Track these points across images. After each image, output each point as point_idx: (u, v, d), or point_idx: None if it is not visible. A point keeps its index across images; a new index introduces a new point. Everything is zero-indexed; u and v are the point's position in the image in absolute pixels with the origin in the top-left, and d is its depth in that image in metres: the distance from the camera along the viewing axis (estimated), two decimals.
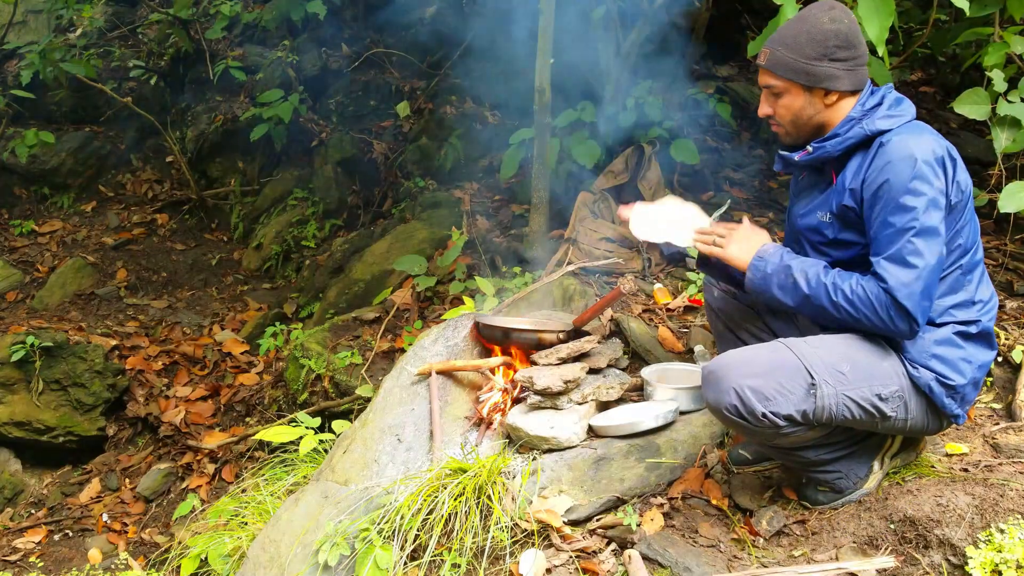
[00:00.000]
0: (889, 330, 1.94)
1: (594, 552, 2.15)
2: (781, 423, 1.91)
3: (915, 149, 1.91)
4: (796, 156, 2.13)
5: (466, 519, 2.18)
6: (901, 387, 1.97)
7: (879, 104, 2.03)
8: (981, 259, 2.08)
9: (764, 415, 1.89)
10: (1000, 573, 1.79)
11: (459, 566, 2.14)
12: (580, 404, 2.57)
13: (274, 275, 5.97)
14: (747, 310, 2.42)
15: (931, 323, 2.01)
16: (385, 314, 4.18)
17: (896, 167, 1.92)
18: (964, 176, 1.98)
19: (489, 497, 2.21)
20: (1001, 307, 3.17)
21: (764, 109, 2.14)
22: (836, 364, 1.92)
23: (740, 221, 2.22)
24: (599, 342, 2.91)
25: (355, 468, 2.58)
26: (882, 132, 1.99)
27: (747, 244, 2.12)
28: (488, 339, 2.87)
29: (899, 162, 1.91)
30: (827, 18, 2.01)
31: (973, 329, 2.02)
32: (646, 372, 2.77)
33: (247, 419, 4.54)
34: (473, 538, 2.16)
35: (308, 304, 5.24)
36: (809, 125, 2.09)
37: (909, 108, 2.04)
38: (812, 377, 1.90)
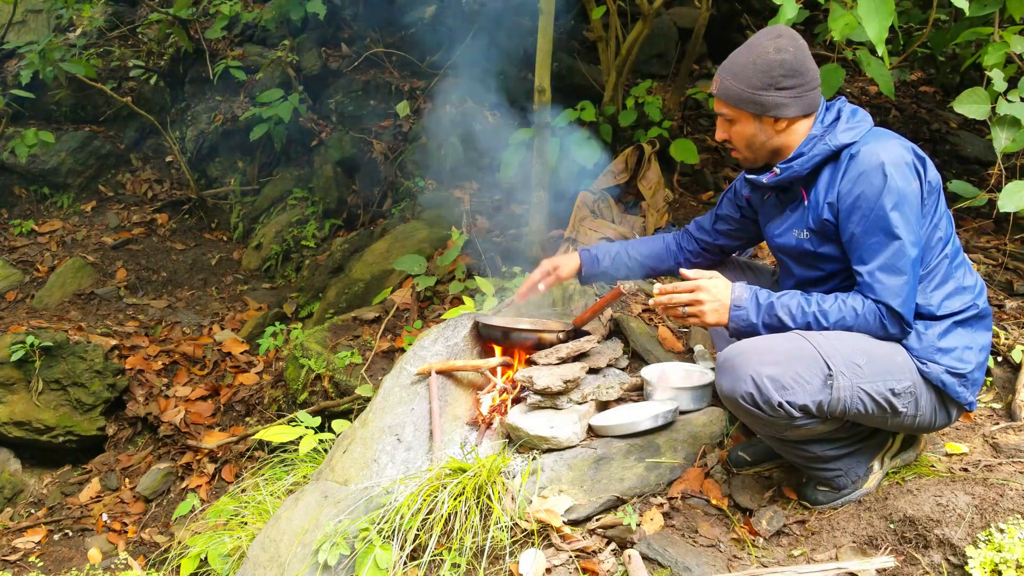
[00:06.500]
0: (881, 337, 1.99)
1: (594, 552, 2.15)
2: (796, 414, 1.91)
3: (885, 156, 1.95)
4: (764, 178, 2.16)
5: (466, 519, 2.18)
6: (913, 383, 1.98)
7: (837, 119, 2.08)
8: (960, 247, 2.13)
9: (780, 404, 1.89)
10: (1000, 573, 1.79)
11: (459, 566, 2.13)
12: (580, 404, 2.57)
13: (274, 275, 5.97)
14: None
15: (932, 317, 2.03)
16: (385, 314, 4.18)
17: (870, 176, 1.95)
18: (933, 172, 2.03)
19: (489, 497, 2.21)
20: (1001, 307, 3.17)
21: (720, 135, 2.20)
22: (852, 356, 1.93)
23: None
24: (599, 342, 2.91)
25: (355, 468, 2.58)
26: (847, 144, 2.02)
27: (718, 302, 2.08)
28: (488, 339, 2.87)
29: (872, 171, 1.95)
30: (772, 47, 2.04)
31: (971, 313, 2.05)
32: (646, 372, 2.77)
33: (247, 419, 4.54)
34: (473, 538, 2.15)
35: (308, 304, 5.24)
36: (763, 150, 2.15)
37: (866, 117, 2.09)
38: (829, 368, 1.90)
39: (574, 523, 2.25)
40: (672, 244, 2.64)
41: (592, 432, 2.54)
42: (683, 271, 2.15)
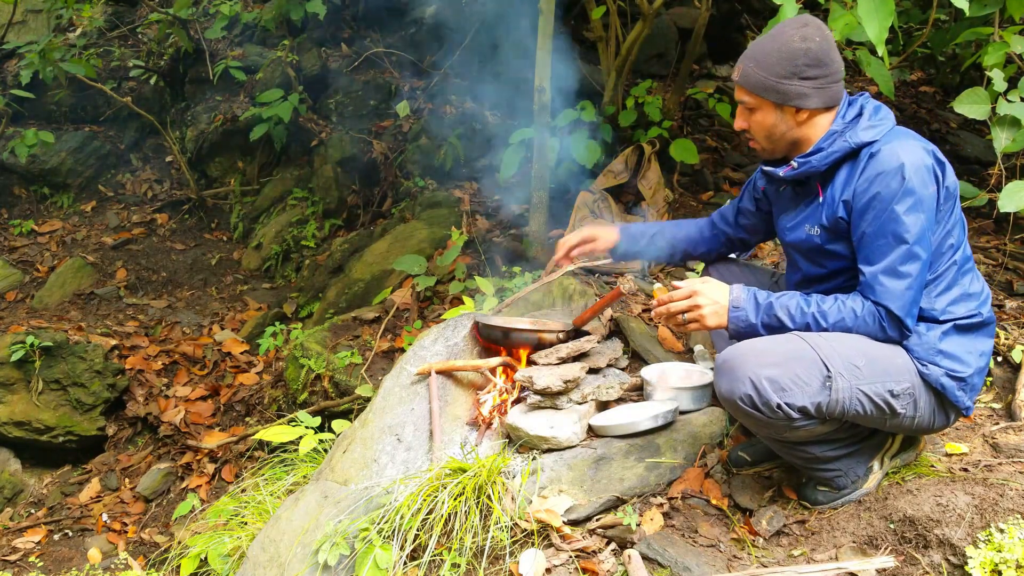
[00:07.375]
0: (880, 339, 1.98)
1: (594, 552, 2.15)
2: (795, 415, 1.91)
3: (905, 158, 1.93)
4: (781, 172, 2.14)
5: (466, 519, 2.18)
6: (912, 384, 1.98)
7: (859, 115, 2.04)
8: (970, 254, 2.11)
9: (779, 406, 1.89)
10: (1000, 573, 1.79)
11: (459, 566, 2.13)
12: (580, 404, 2.57)
13: (274, 275, 5.98)
14: None
15: (935, 320, 2.03)
16: (385, 314, 4.18)
17: (887, 178, 1.93)
18: (952, 178, 2.01)
19: (489, 497, 2.21)
20: (1001, 307, 3.17)
21: (739, 123, 2.16)
22: (851, 358, 1.92)
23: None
24: (599, 342, 2.91)
25: (355, 468, 2.58)
26: (868, 143, 2.00)
27: (717, 304, 2.07)
28: (488, 339, 2.87)
29: (890, 172, 1.93)
30: (798, 36, 2.01)
31: (974, 321, 2.04)
32: (646, 372, 2.77)
33: (247, 419, 4.54)
34: (473, 538, 2.15)
35: (308, 304, 5.24)
36: (783, 141, 2.11)
37: (889, 115, 2.05)
38: (828, 369, 1.90)
39: (574, 523, 2.25)
40: (706, 229, 2.61)
41: (592, 432, 2.54)
42: (674, 283, 2.15)
